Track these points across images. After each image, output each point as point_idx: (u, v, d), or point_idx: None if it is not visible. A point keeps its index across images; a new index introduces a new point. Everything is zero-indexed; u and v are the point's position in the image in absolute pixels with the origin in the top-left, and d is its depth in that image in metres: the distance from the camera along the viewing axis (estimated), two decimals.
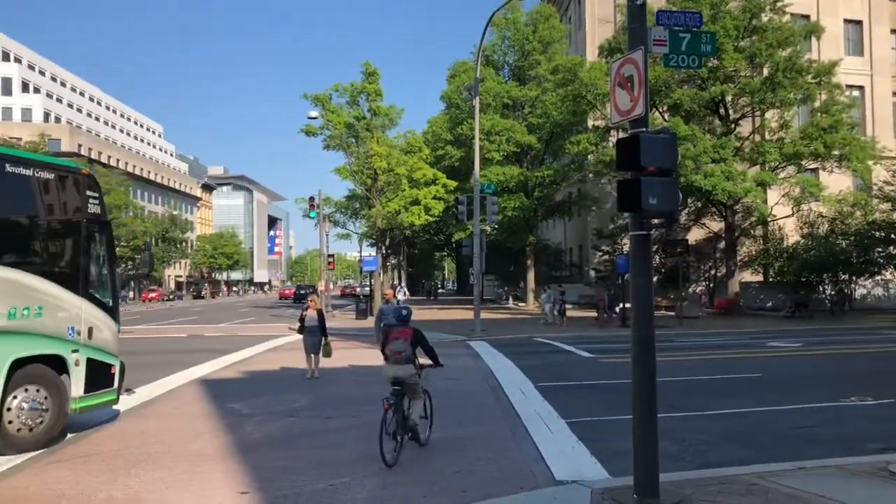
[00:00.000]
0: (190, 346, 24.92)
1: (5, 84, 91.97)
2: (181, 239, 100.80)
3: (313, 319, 16.08)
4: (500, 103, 47.48)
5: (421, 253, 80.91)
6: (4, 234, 9.24)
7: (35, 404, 9.32)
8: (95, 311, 10.42)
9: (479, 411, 11.95)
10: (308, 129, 42.00)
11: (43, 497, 7.39)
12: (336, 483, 7.77)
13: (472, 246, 28.71)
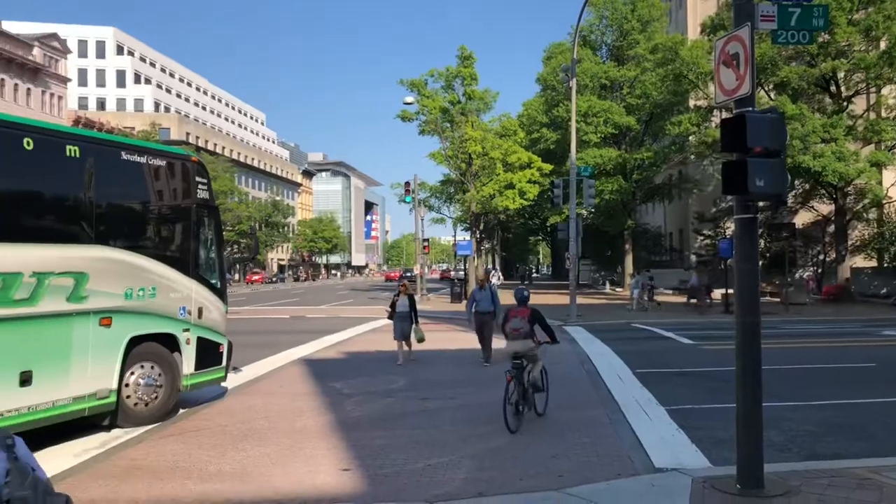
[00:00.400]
0: (293, 327, 25.74)
1: (119, 76, 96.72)
2: (283, 223, 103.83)
3: (404, 305, 15.93)
4: (598, 84, 46.66)
5: (515, 237, 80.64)
6: (121, 219, 9.76)
7: (150, 380, 9.84)
8: (205, 293, 10.91)
9: (576, 396, 11.88)
10: (404, 114, 42.42)
11: (158, 468, 7.82)
12: (434, 463, 7.90)
13: (567, 230, 28.41)
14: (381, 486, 7.10)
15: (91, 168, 9.02)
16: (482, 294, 15.65)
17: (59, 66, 75.96)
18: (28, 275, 8.06)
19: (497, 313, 15.19)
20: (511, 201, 40.64)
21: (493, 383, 13.17)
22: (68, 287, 8.55)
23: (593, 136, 44.70)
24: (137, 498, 6.79)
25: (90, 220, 8.99)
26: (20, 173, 8.31)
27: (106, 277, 9.07)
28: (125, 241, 9.58)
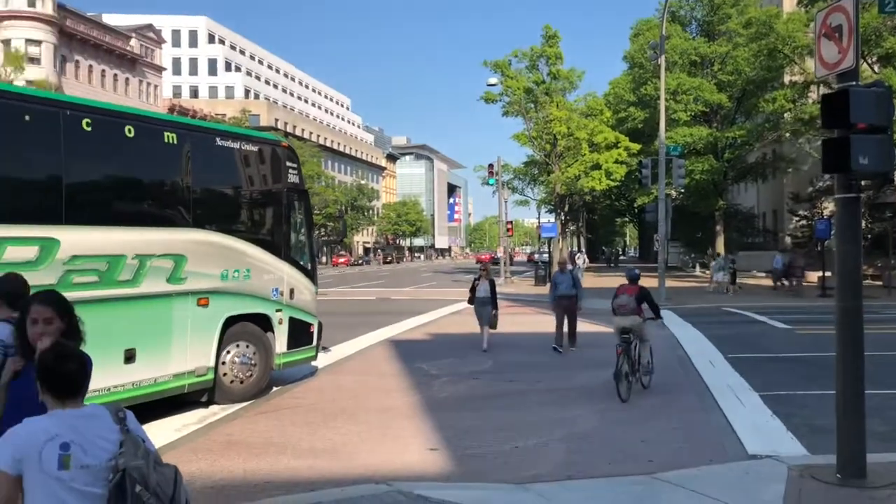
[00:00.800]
0: (379, 308, 26.15)
1: (211, 64, 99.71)
2: (368, 207, 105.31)
3: (485, 290, 15.20)
4: (687, 61, 45.22)
5: (601, 219, 79.33)
6: (216, 204, 10.12)
7: (245, 359, 10.18)
8: (296, 274, 11.19)
9: (666, 381, 11.65)
10: (487, 96, 42.24)
11: (254, 443, 8.10)
12: (521, 445, 7.91)
13: (656, 211, 27.80)
14: (468, 467, 7.17)
15: (188, 154, 9.36)
16: (563, 277, 15.20)
17: (155, 55, 78.90)
18: (131, 257, 8.43)
19: (580, 297, 14.97)
20: (597, 182, 40.01)
21: (579, 367, 13.08)
22: (168, 269, 8.91)
23: (683, 115, 43.39)
24: (234, 471, 7.06)
25: (188, 204, 9.35)
26: (122, 160, 8.70)
27: (203, 259, 9.41)
28: (221, 224, 9.90)
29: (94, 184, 8.43)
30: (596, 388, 11.21)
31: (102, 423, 2.95)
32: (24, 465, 2.77)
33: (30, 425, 2.86)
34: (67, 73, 63.52)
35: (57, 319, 3.63)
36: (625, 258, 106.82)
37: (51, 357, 2.99)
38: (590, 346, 15.76)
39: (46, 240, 7.55)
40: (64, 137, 7.83)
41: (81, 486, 2.81)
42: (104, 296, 8.08)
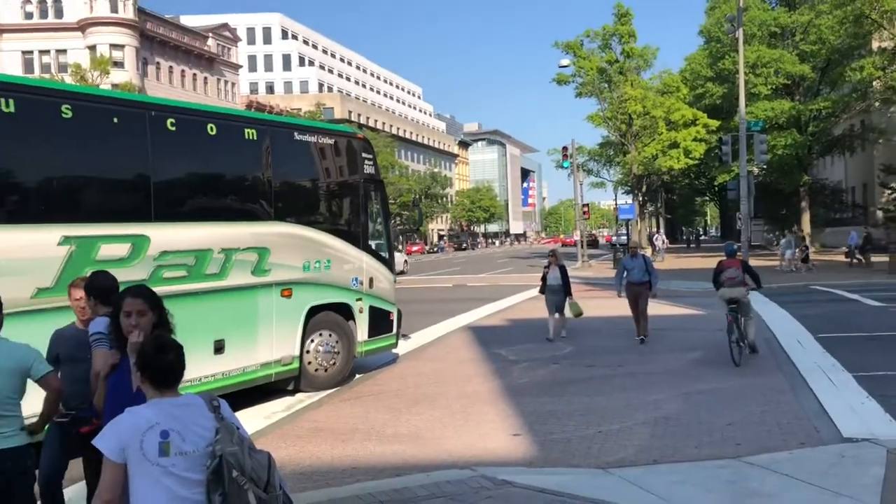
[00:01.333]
0: (456, 295, 26.27)
1: (285, 60, 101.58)
2: (442, 195, 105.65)
3: (556, 277, 14.31)
4: (767, 32, 43.65)
5: (680, 198, 77.56)
6: (296, 197, 10.40)
7: (328, 347, 10.41)
8: (374, 263, 11.37)
9: (752, 363, 11.34)
10: (559, 77, 41.80)
11: (339, 430, 8.27)
12: (604, 430, 7.84)
13: (737, 189, 27.04)
14: (551, 452, 7.15)
15: (267, 149, 9.59)
16: (634, 263, 13.88)
17: (231, 54, 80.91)
18: (217, 251, 8.71)
19: (653, 283, 13.77)
20: (675, 161, 39.16)
21: (662, 350, 12.86)
22: (252, 261, 9.18)
23: (763, 88, 41.95)
24: (322, 457, 7.23)
25: (269, 198, 9.60)
26: (205, 158, 8.99)
27: (285, 251, 9.64)
28: (301, 216, 10.15)
29: (180, 181, 8.71)
30: (679, 370, 11.01)
31: (198, 411, 3.07)
32: (127, 452, 2.91)
33: (132, 415, 3.00)
34: (149, 75, 65.81)
35: (149, 312, 3.78)
36: (706, 238, 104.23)
37: (151, 348, 3.12)
38: (673, 328, 15.49)
39: (137, 237, 7.85)
40: (150, 138, 8.10)
41: (180, 472, 2.94)
42: (193, 289, 8.36)
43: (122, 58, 61.66)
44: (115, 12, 62.31)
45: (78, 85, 34.85)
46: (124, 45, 62.40)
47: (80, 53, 59.53)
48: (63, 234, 7.15)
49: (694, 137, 39.47)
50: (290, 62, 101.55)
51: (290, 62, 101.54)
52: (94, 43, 61.01)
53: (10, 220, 6.92)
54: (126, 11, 62.95)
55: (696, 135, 39.54)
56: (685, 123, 39.77)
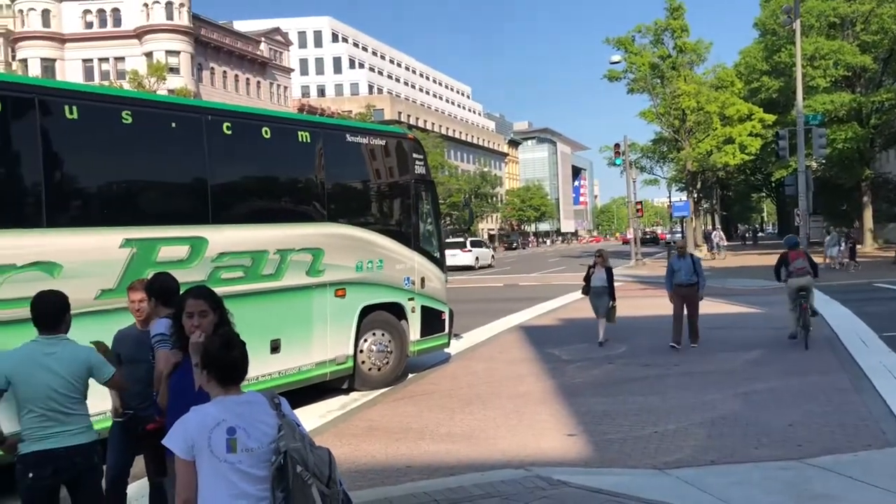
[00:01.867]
0: (507, 295, 26.21)
1: (336, 63, 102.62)
2: (492, 194, 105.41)
3: (601, 279, 13.60)
4: (825, 23, 42.48)
5: (736, 195, 76.12)
6: (349, 198, 10.51)
7: (382, 346, 10.50)
8: (426, 263, 11.42)
9: (812, 362, 11.06)
10: (611, 74, 41.35)
11: (393, 428, 8.32)
12: (661, 430, 7.73)
13: (795, 184, 26.40)
14: (607, 452, 7.08)
15: (320, 151, 9.72)
16: (682, 263, 13.12)
17: (283, 58, 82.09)
18: (273, 252, 8.86)
19: (701, 285, 13.07)
20: (731, 157, 38.41)
21: (719, 349, 12.63)
22: (307, 262, 9.31)
23: (822, 81, 40.83)
24: (376, 455, 7.29)
25: (322, 199, 9.73)
26: (260, 160, 9.14)
27: (339, 252, 9.76)
28: (353, 217, 10.26)
29: (236, 184, 8.87)
30: (736, 370, 10.80)
31: (261, 408, 3.14)
32: (196, 449, 2.98)
33: (199, 412, 3.07)
34: (204, 80, 67.17)
35: (211, 312, 3.87)
36: (762, 235, 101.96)
37: (217, 345, 3.19)
38: (729, 327, 15.22)
39: (195, 239, 8.01)
40: (207, 141, 8.27)
41: (246, 468, 3.00)
42: (250, 290, 8.51)
43: (178, 64, 63.06)
44: (171, 19, 63.78)
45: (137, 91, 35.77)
46: (180, 51, 63.80)
47: (138, 60, 61.08)
48: (125, 236, 7.33)
49: (749, 132, 38.65)
50: (341, 65, 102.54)
51: (340, 65, 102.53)
52: (150, 50, 62.52)
53: (75, 223, 7.12)
54: (181, 18, 64.37)
55: (751, 130, 38.71)
56: (740, 118, 38.97)
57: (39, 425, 4.09)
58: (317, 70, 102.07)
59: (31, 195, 6.80)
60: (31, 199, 6.80)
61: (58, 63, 63.28)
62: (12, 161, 6.79)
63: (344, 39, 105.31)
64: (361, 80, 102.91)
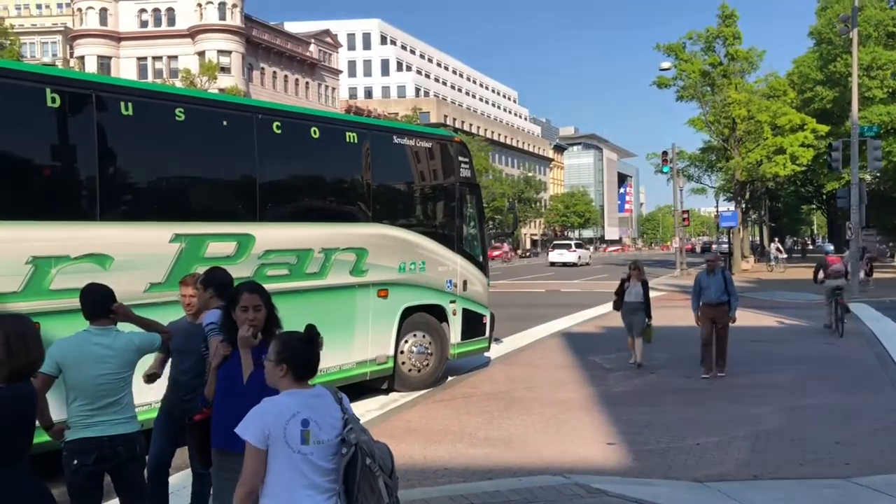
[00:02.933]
0: (548, 301, 26.07)
1: (384, 65, 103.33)
2: (535, 199, 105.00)
3: (637, 294, 12.27)
4: (884, 32, 41.46)
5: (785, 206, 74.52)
6: (393, 199, 10.52)
7: (422, 348, 10.52)
8: (468, 266, 11.41)
9: (862, 379, 10.80)
10: (660, 80, 40.90)
11: (431, 430, 8.32)
12: (703, 442, 7.61)
13: (848, 197, 25.76)
14: (647, 462, 6.99)
15: (367, 152, 9.76)
16: (711, 280, 11.35)
17: (332, 59, 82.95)
18: (317, 251, 8.92)
19: (732, 305, 11.32)
20: (781, 167, 37.69)
21: (765, 362, 12.40)
22: (351, 262, 9.36)
23: (878, 92, 39.83)
24: (414, 457, 7.29)
25: (367, 200, 9.77)
26: (308, 160, 9.23)
27: (382, 253, 9.79)
28: (397, 218, 10.29)
29: (283, 182, 8.96)
30: (782, 384, 10.58)
31: (329, 402, 3.21)
32: (271, 439, 3.04)
33: (276, 403, 3.13)
34: (254, 80, 68.22)
35: (263, 307, 3.93)
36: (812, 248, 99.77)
37: (301, 338, 3.26)
38: (775, 340, 14.92)
39: (243, 236, 8.09)
40: (257, 140, 8.35)
41: (316, 460, 3.08)
42: (295, 287, 8.57)
43: (229, 63, 64.14)
44: (224, 20, 64.93)
45: (190, 89, 36.48)
46: (231, 51, 64.90)
47: (190, 59, 62.32)
48: (174, 231, 7.42)
49: (801, 143, 37.88)
50: (389, 67, 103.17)
51: (388, 67, 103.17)
52: (202, 49, 63.71)
53: (126, 217, 7.25)
54: (233, 19, 65.48)
55: (803, 140, 37.93)
56: (792, 128, 38.21)
57: (86, 413, 4.18)
58: (364, 72, 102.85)
59: (86, 189, 6.93)
60: (86, 192, 6.92)
61: (113, 60, 64.90)
62: (70, 155, 6.93)
63: (392, 42, 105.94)
64: (408, 82, 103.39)
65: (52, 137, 6.78)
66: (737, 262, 41.15)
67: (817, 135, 38.41)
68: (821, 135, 38.48)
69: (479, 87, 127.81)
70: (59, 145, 6.85)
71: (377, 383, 10.18)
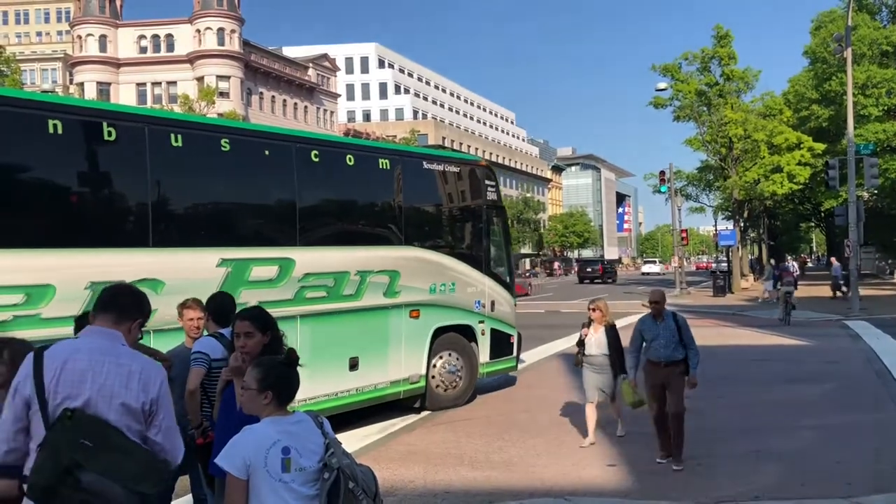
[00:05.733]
0: (548, 321, 26.04)
1: (381, 88, 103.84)
2: (534, 220, 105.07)
3: (600, 344, 8.77)
4: (878, 52, 41.73)
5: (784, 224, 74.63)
6: (424, 222, 10.88)
7: (452, 367, 10.77)
8: (496, 287, 11.67)
9: (863, 397, 10.77)
10: (656, 101, 41.13)
11: (432, 454, 8.31)
12: (704, 463, 7.58)
13: (846, 215, 25.83)
14: (647, 483, 6.98)
15: (399, 178, 10.12)
16: (659, 329, 7.80)
17: (330, 83, 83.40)
18: (353, 273, 9.23)
19: (691, 363, 7.74)
20: (778, 186, 37.82)
21: (763, 382, 12.38)
22: (384, 284, 9.66)
23: (874, 110, 40.02)
24: (415, 481, 7.27)
25: (400, 224, 10.10)
26: (344, 186, 9.62)
27: (414, 274, 10.09)
28: (428, 241, 10.64)
29: (321, 208, 9.33)
30: (783, 403, 10.57)
31: (310, 427, 3.20)
32: (251, 469, 3.02)
33: (255, 432, 3.12)
34: (253, 105, 68.53)
35: (257, 334, 3.93)
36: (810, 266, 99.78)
37: (285, 365, 3.25)
38: (775, 359, 14.89)
39: (284, 260, 8.43)
40: (296, 168, 8.73)
41: (298, 487, 3.07)
42: (332, 309, 8.90)
43: (228, 88, 64.48)
44: (222, 45, 65.36)
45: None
46: (230, 76, 65.27)
47: (189, 84, 62.64)
48: (221, 256, 7.77)
49: (798, 161, 38.03)
50: (387, 90, 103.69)
51: (386, 90, 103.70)
52: (201, 74, 64.08)
53: (177, 243, 7.60)
54: (232, 44, 65.93)
55: (800, 158, 38.10)
56: (789, 147, 38.39)
57: None
58: (363, 95, 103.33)
59: (140, 217, 7.33)
60: (140, 221, 7.32)
61: (112, 87, 65.20)
62: (125, 185, 7.34)
63: (390, 65, 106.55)
64: (406, 105, 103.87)
65: (109, 169, 7.24)
66: (736, 281, 41.15)
67: (814, 153, 38.58)
68: (817, 153, 38.65)
69: (476, 109, 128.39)
70: (115, 177, 7.29)
71: (410, 402, 10.42)
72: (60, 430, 2.96)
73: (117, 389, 3.10)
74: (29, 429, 3.07)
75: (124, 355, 3.21)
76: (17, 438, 3.07)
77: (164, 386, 3.28)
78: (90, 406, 3.06)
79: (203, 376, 4.68)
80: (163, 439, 3.21)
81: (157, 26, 67.77)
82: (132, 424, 3.13)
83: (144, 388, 3.17)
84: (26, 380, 3.06)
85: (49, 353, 3.11)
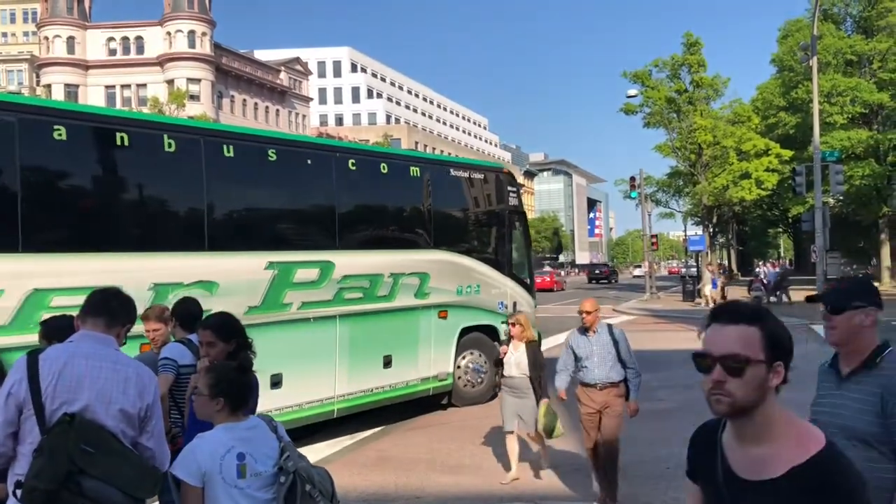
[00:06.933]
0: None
1: (354, 93, 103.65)
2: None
3: (519, 364, 7.73)
4: (842, 61, 42.53)
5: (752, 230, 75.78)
6: (451, 227, 11.25)
7: (477, 366, 11.19)
8: (518, 289, 12.06)
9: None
10: (627, 107, 41.50)
11: (403, 459, 8.29)
12: (672, 465, 7.63)
13: (812, 221, 26.26)
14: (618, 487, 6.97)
15: (428, 185, 10.52)
16: (592, 345, 6.74)
17: (302, 87, 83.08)
18: (387, 276, 9.60)
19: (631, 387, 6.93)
20: (747, 192, 38.35)
21: None
22: (415, 285, 10.05)
23: (839, 118, 40.77)
24: (386, 486, 7.25)
25: (429, 228, 10.51)
26: (379, 193, 10.05)
27: (442, 277, 10.48)
28: (455, 245, 11.01)
29: (358, 214, 9.74)
30: None
31: (264, 432, 3.17)
32: (206, 477, 2.99)
33: (209, 440, 3.08)
34: (224, 108, 68.00)
35: (219, 343, 3.90)
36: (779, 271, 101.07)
37: (235, 370, 3.23)
38: None
39: (325, 263, 8.81)
40: (335, 176, 9.14)
41: (254, 492, 3.04)
42: (367, 309, 9.32)
43: (199, 91, 63.91)
44: (193, 48, 64.80)
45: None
46: (200, 78, 64.71)
47: (160, 87, 62.00)
48: (269, 259, 8.17)
49: (766, 168, 38.61)
50: (359, 94, 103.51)
51: (358, 94, 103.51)
52: (172, 77, 63.47)
53: (230, 247, 7.97)
54: (203, 47, 65.39)
55: (768, 165, 38.68)
56: (757, 153, 38.96)
57: None
58: (335, 99, 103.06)
59: (197, 223, 7.71)
60: (197, 226, 7.70)
61: (80, 89, 64.33)
62: (183, 193, 7.76)
63: (363, 69, 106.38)
64: (379, 109, 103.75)
65: (169, 179, 7.69)
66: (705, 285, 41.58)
67: (781, 159, 39.18)
68: (785, 159, 39.26)
69: (449, 114, 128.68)
70: (174, 186, 7.75)
71: (438, 398, 10.83)
72: (60, 435, 2.93)
73: (115, 395, 3.10)
74: (18, 433, 3.03)
75: (121, 360, 3.20)
76: (7, 443, 3.03)
77: (157, 392, 3.30)
78: (88, 411, 3.03)
79: (171, 382, 4.63)
80: (154, 445, 3.22)
81: (126, 28, 66.97)
82: (126, 430, 3.12)
83: (140, 393, 3.17)
84: (20, 383, 3.01)
85: (45, 357, 3.08)
